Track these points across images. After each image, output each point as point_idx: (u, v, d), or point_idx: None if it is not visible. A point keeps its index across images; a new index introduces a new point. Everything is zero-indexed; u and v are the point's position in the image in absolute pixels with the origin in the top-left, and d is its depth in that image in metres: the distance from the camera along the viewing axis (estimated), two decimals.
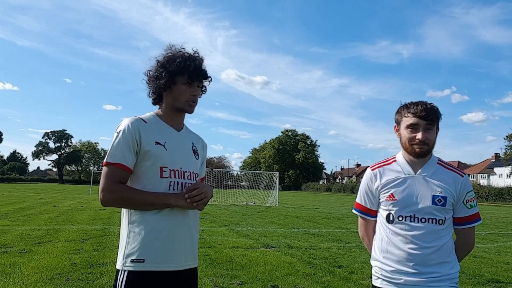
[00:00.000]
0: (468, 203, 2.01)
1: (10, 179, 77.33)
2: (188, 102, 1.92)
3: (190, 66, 1.88)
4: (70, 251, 6.99)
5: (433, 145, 2.01)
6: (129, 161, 1.80)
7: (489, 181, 72.69)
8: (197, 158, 2.02)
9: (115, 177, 1.79)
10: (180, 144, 1.94)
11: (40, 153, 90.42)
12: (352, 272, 6.22)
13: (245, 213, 16.87)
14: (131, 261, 1.78)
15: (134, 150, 1.81)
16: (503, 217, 20.56)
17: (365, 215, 2.19)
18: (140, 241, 1.78)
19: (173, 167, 1.86)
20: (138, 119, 1.86)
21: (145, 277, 1.77)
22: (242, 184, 36.95)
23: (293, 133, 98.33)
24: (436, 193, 1.97)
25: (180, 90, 1.89)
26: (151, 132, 1.85)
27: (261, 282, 5.40)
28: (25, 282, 4.95)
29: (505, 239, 11.12)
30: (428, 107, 1.97)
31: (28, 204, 17.61)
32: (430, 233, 1.95)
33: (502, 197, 43.84)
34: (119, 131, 1.82)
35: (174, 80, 1.88)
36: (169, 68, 1.88)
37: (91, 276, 5.32)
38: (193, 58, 1.92)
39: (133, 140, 1.80)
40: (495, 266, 7.14)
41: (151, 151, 1.82)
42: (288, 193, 60.73)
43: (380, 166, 2.12)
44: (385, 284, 2.00)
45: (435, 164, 2.03)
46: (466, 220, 2.02)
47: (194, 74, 1.89)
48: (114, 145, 1.81)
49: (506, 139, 55.02)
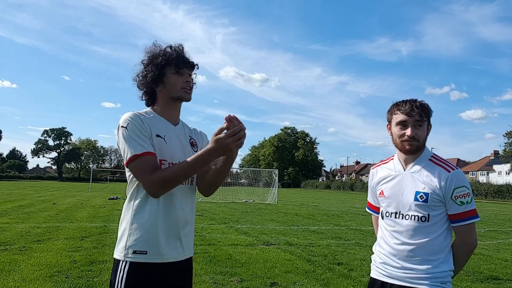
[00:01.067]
0: (457, 199, 1.95)
1: (10, 177, 77.27)
2: (184, 89, 1.93)
3: (173, 55, 1.91)
4: (69, 248, 6.99)
5: (423, 141, 2.02)
6: (148, 146, 1.79)
7: (488, 178, 72.83)
8: (196, 151, 2.01)
9: (148, 166, 1.75)
10: (178, 137, 1.96)
11: (39, 151, 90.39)
12: (351, 269, 6.23)
13: (245, 211, 16.88)
14: (133, 252, 1.79)
15: (147, 134, 1.81)
16: (502, 214, 20.59)
17: (374, 212, 2.30)
18: (143, 233, 1.80)
19: (172, 161, 1.87)
20: (137, 113, 1.87)
21: (146, 268, 1.79)
22: (241, 181, 36.99)
23: (292, 130, 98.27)
24: (419, 189, 1.97)
25: (172, 79, 1.91)
26: (152, 125, 1.86)
27: (260, 279, 5.40)
28: (25, 280, 4.95)
29: (504, 236, 11.14)
30: (417, 104, 1.99)
31: (27, 202, 17.60)
32: (413, 230, 1.98)
33: (501, 194, 43.90)
34: (127, 124, 1.80)
35: (163, 73, 1.90)
36: (155, 61, 1.90)
37: (91, 274, 5.33)
38: (174, 48, 1.95)
39: (142, 126, 1.80)
40: (494, 263, 7.16)
41: (153, 144, 1.83)
42: (288, 190, 60.77)
43: (379, 164, 2.24)
44: (376, 275, 2.12)
45: (425, 160, 2.03)
46: (458, 217, 1.97)
47: (180, 61, 1.91)
48: (126, 139, 1.78)
49: (506, 136, 55.08)
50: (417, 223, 1.97)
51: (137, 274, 1.78)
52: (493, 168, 77.75)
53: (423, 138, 2.01)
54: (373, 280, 2.12)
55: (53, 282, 4.89)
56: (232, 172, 37.91)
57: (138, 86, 1.99)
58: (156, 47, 1.95)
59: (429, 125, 2.05)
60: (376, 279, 2.10)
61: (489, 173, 78.07)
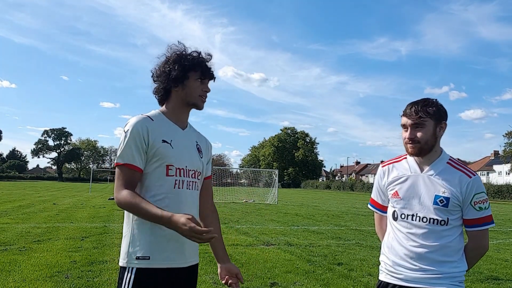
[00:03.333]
0: (476, 205, 1.94)
1: (10, 177, 77.25)
2: (201, 98, 1.94)
3: (203, 62, 1.91)
4: (69, 248, 6.99)
5: (426, 142, 1.95)
6: (139, 161, 1.80)
7: (488, 178, 72.83)
8: (201, 157, 2.02)
9: (124, 179, 1.78)
10: (185, 142, 1.95)
11: (39, 151, 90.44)
12: (351, 269, 6.23)
13: (245, 211, 16.89)
14: (137, 258, 1.78)
15: (143, 149, 1.80)
16: (502, 214, 20.60)
17: (378, 210, 2.24)
18: (145, 239, 1.79)
19: (179, 166, 1.87)
20: (146, 118, 1.85)
21: (152, 274, 1.78)
22: (241, 181, 37.03)
23: (292, 130, 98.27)
24: (438, 193, 1.94)
25: (194, 85, 1.90)
26: (158, 130, 1.85)
27: (260, 280, 5.40)
28: (25, 280, 4.96)
29: (504, 236, 11.15)
30: (417, 105, 1.96)
31: (27, 202, 17.60)
32: (432, 233, 1.94)
33: (501, 195, 43.90)
34: (127, 130, 1.81)
35: (187, 75, 1.88)
36: (183, 62, 1.88)
37: (91, 274, 5.33)
38: (204, 55, 1.94)
39: (141, 139, 1.79)
40: (494, 263, 7.16)
41: (159, 150, 1.82)
42: (288, 190, 60.77)
43: (390, 163, 2.16)
44: (388, 278, 2.05)
45: (444, 163, 2.00)
46: (475, 222, 1.96)
47: (207, 71, 1.92)
48: (123, 145, 1.80)
49: (506, 136, 55.07)
50: (436, 226, 1.94)
51: (142, 281, 1.77)
52: (493, 168, 77.77)
53: (425, 139, 1.95)
54: (385, 283, 2.06)
55: (53, 282, 4.89)
56: (232, 172, 37.96)
57: (154, 80, 1.95)
58: (185, 47, 1.93)
59: (438, 124, 1.98)
60: (388, 283, 2.04)
61: (489, 173, 78.09)
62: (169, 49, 1.93)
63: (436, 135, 1.98)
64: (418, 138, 1.95)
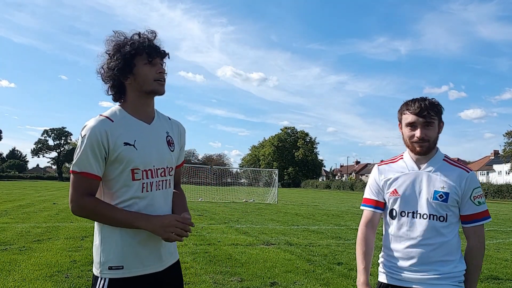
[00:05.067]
0: (476, 199, 1.96)
1: (10, 177, 77.19)
2: (158, 82, 1.75)
3: (144, 43, 1.73)
4: (69, 248, 6.99)
5: (434, 141, 1.98)
6: (96, 169, 1.67)
7: (488, 178, 72.86)
8: (172, 150, 1.87)
9: (82, 187, 1.67)
10: (152, 138, 1.79)
11: (39, 151, 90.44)
12: (351, 269, 6.23)
13: (245, 210, 16.88)
14: (109, 268, 1.69)
15: (102, 156, 1.66)
16: (502, 214, 20.59)
17: (373, 208, 2.11)
18: (116, 247, 1.69)
19: (145, 167, 1.73)
20: (104, 119, 1.70)
21: (126, 282, 1.70)
22: (241, 181, 37.03)
23: (292, 130, 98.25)
24: (438, 189, 1.94)
25: (144, 71, 1.73)
26: (119, 132, 1.69)
27: (260, 279, 5.40)
28: (25, 280, 4.96)
29: (504, 236, 11.15)
30: (426, 103, 1.95)
31: (27, 202, 17.60)
32: (431, 229, 1.93)
33: (501, 194, 43.89)
34: (84, 135, 1.66)
35: (133, 63, 1.72)
36: (123, 51, 1.71)
37: (91, 274, 5.31)
38: (145, 35, 1.77)
39: (99, 145, 1.65)
40: (494, 263, 7.16)
41: (121, 154, 1.68)
42: (288, 190, 60.76)
43: (387, 163, 2.15)
44: (388, 280, 2.03)
45: (440, 160, 2.01)
46: (475, 217, 1.96)
47: (153, 50, 1.73)
48: (79, 151, 1.66)
49: (506, 136, 55.06)
50: (436, 222, 1.94)
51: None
52: (493, 168, 77.76)
53: (433, 138, 1.97)
54: (384, 285, 2.04)
55: (53, 282, 4.89)
56: (232, 172, 37.96)
57: (103, 79, 1.78)
58: (120, 34, 1.76)
59: (441, 123, 2.02)
60: (388, 284, 2.02)
61: (489, 172, 78.09)
62: (108, 42, 1.76)
63: (438, 134, 2.01)
64: (428, 137, 1.95)
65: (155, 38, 1.79)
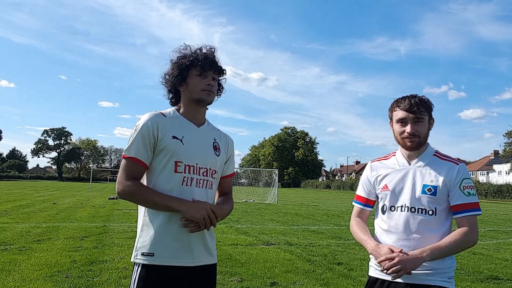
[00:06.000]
0: (465, 189, 1.95)
1: (10, 177, 77.25)
2: (205, 92, 1.92)
3: (199, 56, 1.92)
4: (69, 248, 6.99)
5: (424, 136, 2.01)
6: (144, 156, 1.84)
7: (488, 178, 72.86)
8: (218, 155, 2.00)
9: (130, 171, 1.83)
10: (199, 139, 1.94)
11: (39, 151, 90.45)
12: (351, 269, 6.23)
13: (245, 210, 16.88)
14: (142, 254, 1.81)
15: (151, 145, 1.84)
16: (502, 214, 20.59)
17: (362, 205, 2.21)
18: (151, 235, 1.81)
19: (188, 162, 1.87)
20: (158, 114, 1.90)
21: (157, 271, 1.79)
22: (241, 181, 36.96)
23: (292, 130, 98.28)
24: (426, 183, 1.97)
25: (195, 81, 1.91)
26: (169, 126, 1.87)
27: (260, 279, 5.40)
28: (25, 280, 4.95)
29: (504, 236, 11.14)
30: (416, 100, 1.99)
31: (27, 202, 17.60)
32: (420, 223, 1.95)
33: (501, 194, 43.94)
34: (138, 125, 1.86)
35: (187, 74, 1.92)
36: (180, 61, 1.93)
37: (91, 274, 5.33)
38: (204, 50, 1.95)
39: (150, 135, 1.83)
40: (494, 262, 7.16)
41: (168, 146, 1.84)
42: (288, 190, 60.76)
43: (379, 160, 2.22)
44: (377, 274, 2.04)
45: (430, 156, 2.04)
46: (464, 207, 1.94)
47: (205, 64, 1.91)
48: (131, 139, 1.85)
49: (506, 136, 55.08)
50: (424, 216, 1.95)
51: (147, 277, 1.78)
52: (493, 168, 77.75)
53: (424, 134, 2.00)
54: (374, 279, 2.05)
55: (53, 282, 4.89)
56: None
57: (163, 84, 2.01)
58: (186, 47, 1.96)
59: (431, 119, 2.05)
60: (378, 278, 2.02)
61: (489, 172, 78.08)
62: (174, 53, 1.98)
63: (429, 130, 2.05)
64: (419, 133, 1.98)
65: (213, 54, 1.96)
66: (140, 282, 1.78)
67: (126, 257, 6.38)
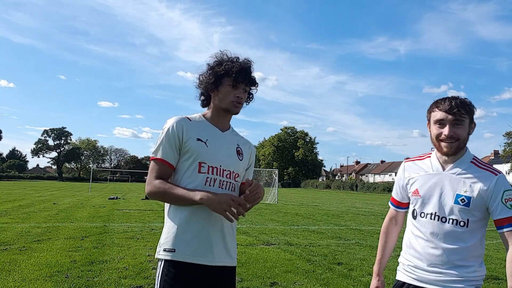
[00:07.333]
0: (507, 202, 1.82)
1: (10, 177, 77.23)
2: (233, 103, 1.97)
3: (235, 68, 1.95)
4: (69, 248, 6.99)
5: (464, 141, 1.89)
6: (171, 158, 1.91)
7: None
8: (241, 159, 2.05)
9: (157, 172, 1.91)
10: (223, 143, 2.00)
11: (39, 151, 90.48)
12: (351, 269, 6.23)
13: None
14: (164, 250, 1.87)
15: (176, 146, 1.91)
16: None
17: (395, 207, 2.18)
18: (173, 232, 1.87)
19: (212, 164, 1.92)
20: (184, 118, 1.97)
21: (179, 267, 1.83)
22: None
23: (292, 130, 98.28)
24: (460, 192, 1.86)
25: (226, 91, 1.96)
26: (194, 130, 1.94)
27: (260, 279, 5.40)
28: (25, 280, 4.95)
29: None
30: (457, 101, 1.87)
31: (27, 202, 17.60)
32: (450, 234, 1.87)
33: None
34: (164, 128, 1.94)
35: (220, 82, 1.96)
36: (216, 70, 1.97)
37: (91, 274, 5.33)
38: (240, 62, 1.99)
39: (175, 137, 1.90)
40: (494, 262, 7.16)
41: (192, 147, 1.90)
42: (288, 190, 60.78)
43: (413, 160, 2.10)
44: (404, 278, 2.01)
45: (467, 162, 1.92)
46: (509, 221, 1.81)
47: (239, 77, 1.95)
48: (158, 142, 1.93)
49: (505, 136, 55.09)
50: (455, 227, 1.86)
51: (170, 272, 1.83)
52: None
53: (463, 138, 1.88)
54: (401, 283, 2.03)
55: (53, 282, 4.89)
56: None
57: (197, 85, 2.07)
58: (224, 55, 2.00)
59: (472, 123, 1.94)
60: (404, 282, 2.00)
61: None
62: (212, 57, 2.03)
63: (469, 134, 1.94)
64: (458, 136, 1.87)
65: (248, 67, 2.00)
66: (164, 277, 1.83)
67: (126, 257, 6.38)
